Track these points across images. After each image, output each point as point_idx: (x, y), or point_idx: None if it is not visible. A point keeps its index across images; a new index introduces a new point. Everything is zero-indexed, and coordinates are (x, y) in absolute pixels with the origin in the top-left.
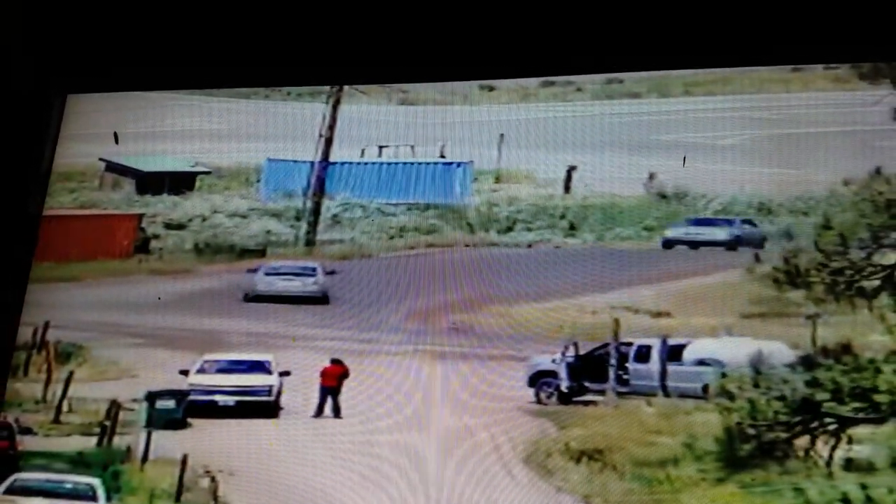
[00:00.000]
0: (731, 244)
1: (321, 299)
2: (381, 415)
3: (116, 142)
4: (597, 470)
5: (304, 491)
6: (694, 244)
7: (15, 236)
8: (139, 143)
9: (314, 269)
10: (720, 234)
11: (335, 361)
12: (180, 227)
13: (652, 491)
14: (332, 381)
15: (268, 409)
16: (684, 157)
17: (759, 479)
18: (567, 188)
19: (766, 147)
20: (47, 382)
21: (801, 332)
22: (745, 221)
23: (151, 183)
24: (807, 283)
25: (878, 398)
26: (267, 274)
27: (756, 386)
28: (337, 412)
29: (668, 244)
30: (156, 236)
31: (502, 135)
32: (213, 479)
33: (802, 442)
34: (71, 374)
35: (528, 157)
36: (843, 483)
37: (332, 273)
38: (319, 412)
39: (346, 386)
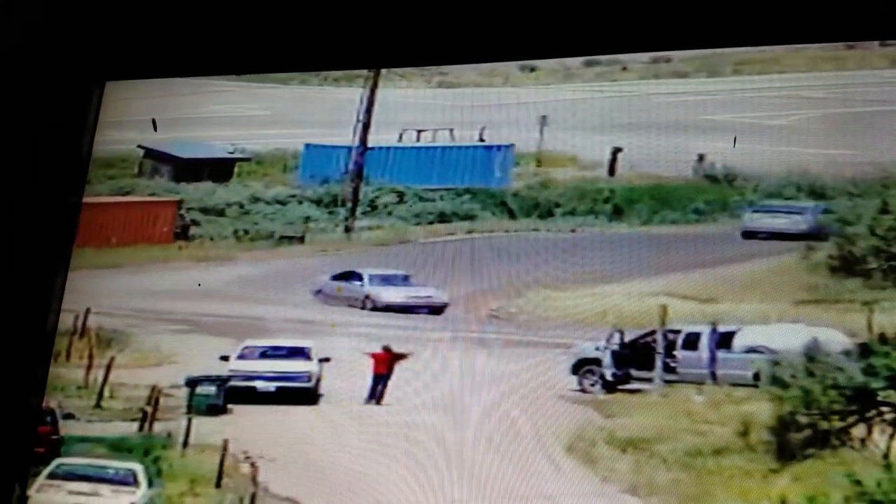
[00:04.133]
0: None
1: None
2: (420, 402)
3: (155, 128)
4: (643, 460)
5: (343, 476)
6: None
7: (55, 224)
8: (177, 130)
9: (803, 209)
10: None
11: (386, 348)
12: (219, 213)
13: (701, 482)
14: (383, 368)
15: (307, 395)
16: (734, 138)
17: (814, 470)
18: (612, 171)
19: (818, 127)
20: (89, 368)
21: (857, 319)
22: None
23: (190, 169)
24: (865, 271)
25: None
26: (755, 212)
27: (810, 374)
28: (379, 399)
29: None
30: (195, 223)
31: (544, 116)
32: (252, 465)
33: (858, 431)
34: (112, 359)
35: (571, 139)
36: None
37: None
38: (371, 398)
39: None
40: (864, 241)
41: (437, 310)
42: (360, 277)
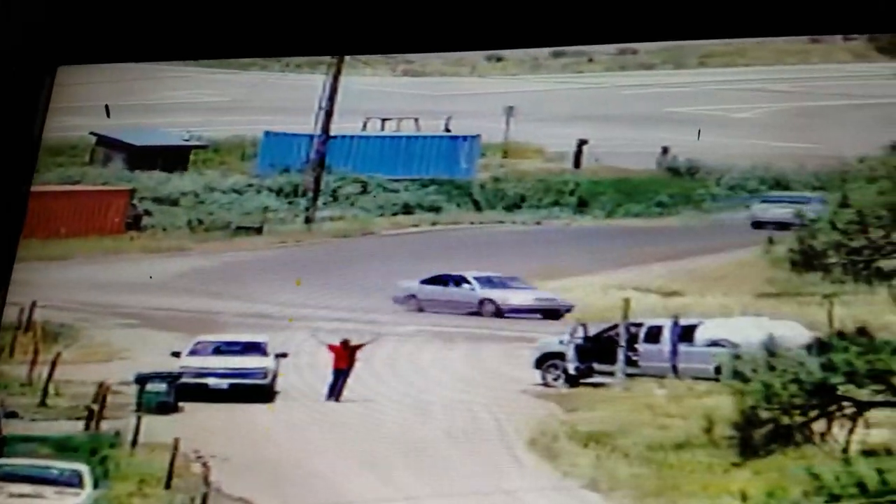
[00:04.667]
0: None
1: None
2: (382, 397)
3: (108, 115)
4: (605, 454)
5: (301, 477)
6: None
7: (1, 213)
8: (131, 116)
9: (808, 199)
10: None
11: (344, 342)
12: (173, 203)
13: (662, 476)
14: (343, 363)
15: (263, 392)
16: (699, 131)
17: (774, 464)
18: (577, 163)
19: (782, 121)
20: (33, 364)
21: (818, 312)
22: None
23: (144, 157)
24: (824, 265)
25: (895, 381)
26: (763, 202)
27: (771, 368)
28: (338, 396)
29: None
30: (148, 213)
31: (511, 107)
32: (205, 465)
33: (818, 426)
34: (58, 355)
35: (537, 130)
36: (860, 468)
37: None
38: (331, 395)
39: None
40: (824, 236)
41: (555, 314)
42: (464, 280)
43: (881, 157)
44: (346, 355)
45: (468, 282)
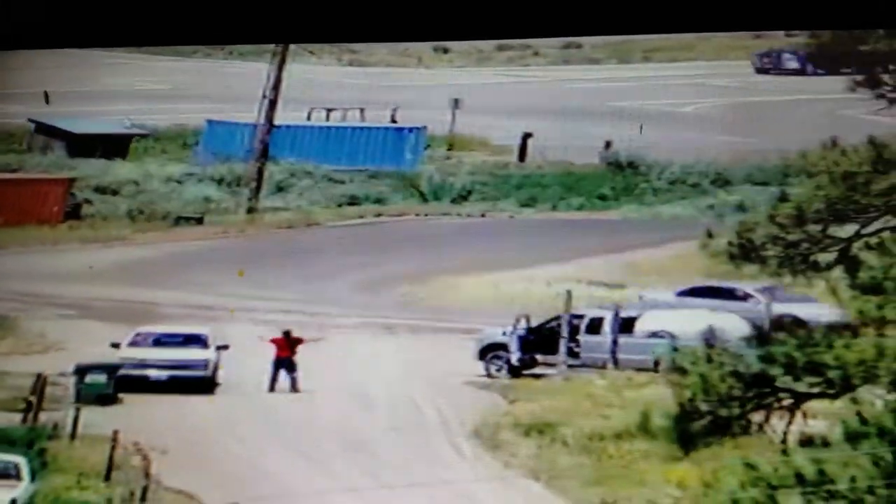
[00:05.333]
0: None
1: None
2: (324, 390)
3: (47, 101)
4: (546, 444)
5: (240, 468)
6: None
7: None
8: (71, 104)
9: None
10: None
11: (286, 332)
12: (113, 192)
13: (602, 465)
14: (285, 352)
15: (204, 384)
16: (641, 126)
17: (712, 455)
18: (522, 156)
19: (724, 115)
20: None
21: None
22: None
23: (83, 145)
24: (761, 258)
25: (831, 374)
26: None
27: (708, 360)
28: (294, 385)
29: None
30: (87, 202)
31: (457, 100)
32: (144, 457)
33: (757, 417)
34: None
35: (483, 123)
36: (797, 458)
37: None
38: (272, 386)
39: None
40: (763, 229)
41: None
42: (745, 295)
43: (821, 153)
44: (287, 346)
45: (749, 296)
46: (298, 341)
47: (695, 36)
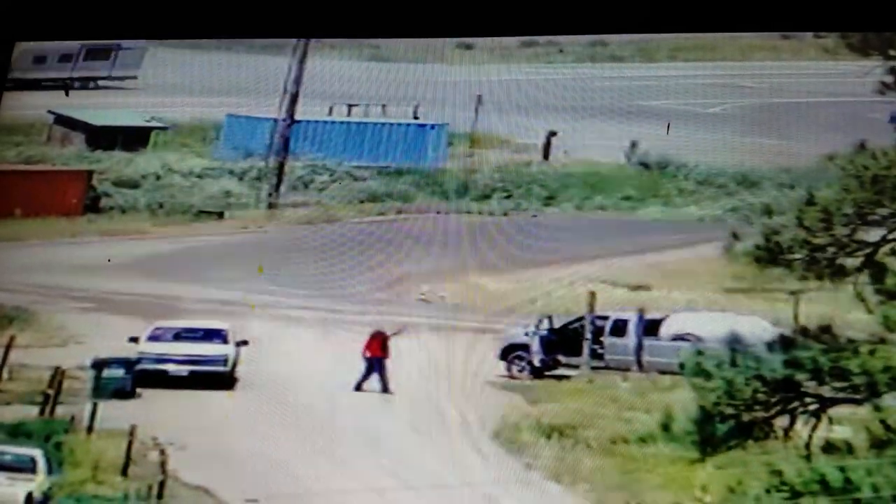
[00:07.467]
0: None
1: None
2: (345, 388)
3: (67, 93)
4: (568, 446)
5: (260, 468)
6: None
7: None
8: (91, 96)
9: None
10: None
11: (378, 332)
12: (133, 185)
13: (625, 469)
14: (378, 351)
15: (223, 379)
16: (668, 125)
17: (736, 459)
18: (546, 154)
19: (752, 116)
20: None
21: (784, 308)
22: None
23: (103, 138)
24: (787, 262)
25: (856, 380)
26: None
27: (734, 364)
28: (385, 387)
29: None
30: (107, 195)
31: (480, 96)
32: (162, 452)
33: (781, 422)
34: (12, 339)
35: (506, 120)
36: (822, 465)
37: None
38: (360, 386)
39: (308, 357)
40: (789, 232)
41: None
42: None
43: (849, 156)
44: (380, 346)
45: None
46: (387, 339)
47: (721, 36)
